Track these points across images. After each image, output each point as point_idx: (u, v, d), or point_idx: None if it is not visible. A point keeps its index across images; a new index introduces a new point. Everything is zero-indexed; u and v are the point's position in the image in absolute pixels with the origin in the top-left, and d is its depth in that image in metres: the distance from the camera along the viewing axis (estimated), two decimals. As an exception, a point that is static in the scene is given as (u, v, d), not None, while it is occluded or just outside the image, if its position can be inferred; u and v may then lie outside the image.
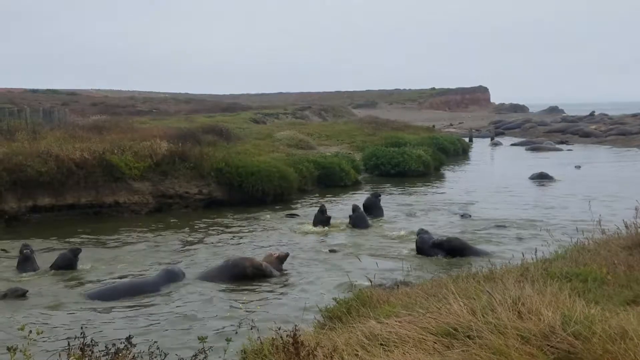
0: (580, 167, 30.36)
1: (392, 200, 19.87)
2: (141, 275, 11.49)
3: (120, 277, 11.30)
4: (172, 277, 10.81)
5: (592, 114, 71.96)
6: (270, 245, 13.58)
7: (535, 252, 8.56)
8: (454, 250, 12.53)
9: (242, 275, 10.93)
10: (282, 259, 11.73)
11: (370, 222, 16.11)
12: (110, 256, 13.00)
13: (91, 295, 10.03)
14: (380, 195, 18.23)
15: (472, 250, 12.66)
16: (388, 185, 24.01)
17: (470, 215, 17.32)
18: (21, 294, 9.90)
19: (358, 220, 15.85)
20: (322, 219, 15.64)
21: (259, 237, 14.89)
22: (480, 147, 45.18)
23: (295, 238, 14.65)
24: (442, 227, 15.72)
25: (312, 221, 15.96)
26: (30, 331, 3.94)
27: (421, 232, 13.31)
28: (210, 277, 11.03)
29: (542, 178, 25.56)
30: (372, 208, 17.20)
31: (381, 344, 4.25)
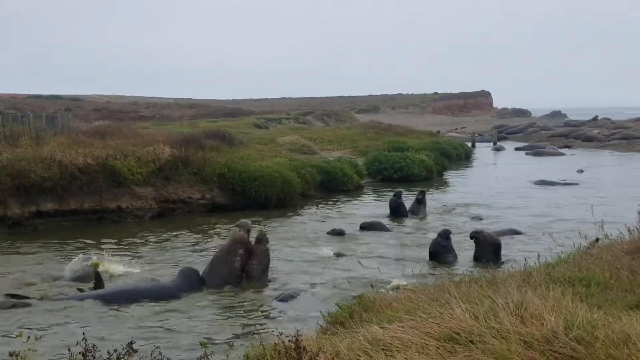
0: (582, 171, 30.32)
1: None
2: (147, 280, 11.48)
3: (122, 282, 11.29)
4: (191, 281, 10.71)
5: (595, 118, 71.93)
6: (274, 250, 13.55)
7: (538, 256, 8.57)
8: (487, 248, 12.25)
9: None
10: (261, 240, 11.24)
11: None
12: (113, 263, 12.98)
13: (99, 296, 10.04)
14: (401, 194, 18.64)
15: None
16: (391, 190, 23.97)
17: (481, 218, 17.37)
18: None
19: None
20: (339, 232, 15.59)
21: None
22: (483, 152, 45.13)
23: (300, 242, 14.64)
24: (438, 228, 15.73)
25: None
26: (29, 337, 3.94)
27: (443, 234, 12.88)
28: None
29: (545, 183, 25.55)
30: (397, 209, 18.01)
31: (383, 349, 4.24)
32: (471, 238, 12.72)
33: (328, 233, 15.39)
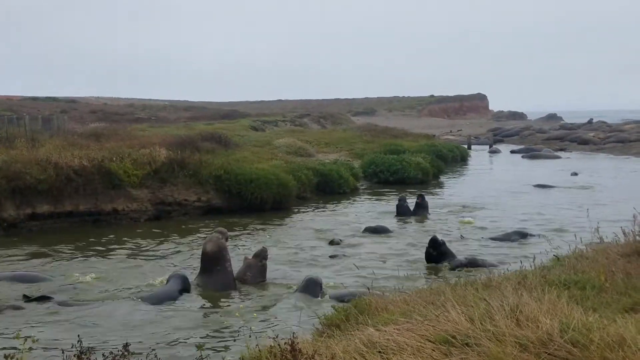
0: (577, 174, 30.38)
1: (392, 208, 19.79)
2: (142, 284, 11.46)
3: (120, 286, 11.27)
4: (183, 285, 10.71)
5: (590, 121, 72.18)
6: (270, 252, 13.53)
7: (534, 259, 8.58)
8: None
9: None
10: (259, 255, 11.39)
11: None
12: (109, 265, 12.97)
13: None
14: (405, 198, 19.17)
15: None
16: (387, 192, 24.01)
17: (471, 220, 17.52)
18: None
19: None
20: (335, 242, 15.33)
21: (258, 244, 14.84)
22: (478, 155, 45.22)
23: (295, 244, 14.63)
24: (439, 231, 15.73)
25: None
26: (26, 339, 3.93)
27: (432, 245, 12.54)
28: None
29: (540, 186, 25.61)
30: (404, 212, 18.42)
31: (379, 352, 4.24)
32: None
33: (329, 243, 14.87)
